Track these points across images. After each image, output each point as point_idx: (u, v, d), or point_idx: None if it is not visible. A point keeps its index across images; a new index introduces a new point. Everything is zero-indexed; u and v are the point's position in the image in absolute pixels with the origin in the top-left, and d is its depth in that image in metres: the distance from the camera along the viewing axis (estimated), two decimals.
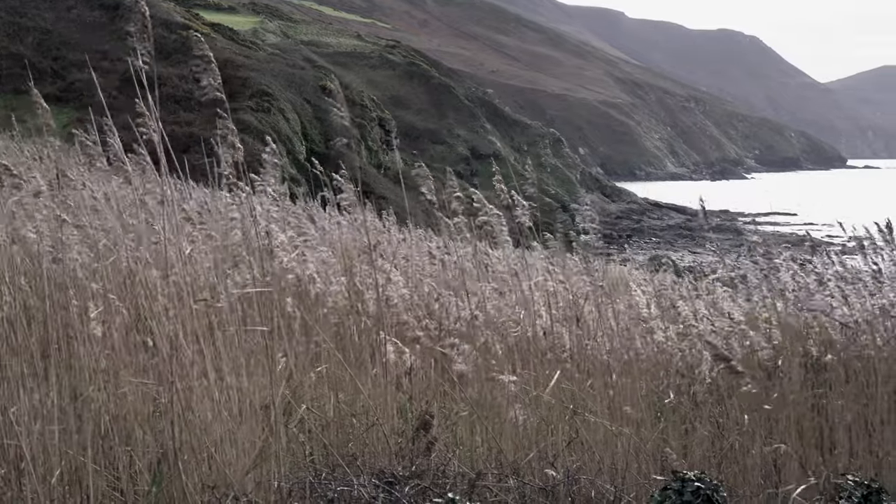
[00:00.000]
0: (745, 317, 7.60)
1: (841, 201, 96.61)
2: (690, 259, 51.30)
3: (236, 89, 50.15)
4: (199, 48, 4.82)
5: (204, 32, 58.78)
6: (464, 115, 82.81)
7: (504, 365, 6.11)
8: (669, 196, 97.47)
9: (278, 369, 4.90)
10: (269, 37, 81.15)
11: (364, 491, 4.41)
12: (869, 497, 4.72)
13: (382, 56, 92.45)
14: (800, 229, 69.86)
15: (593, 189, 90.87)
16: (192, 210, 6.49)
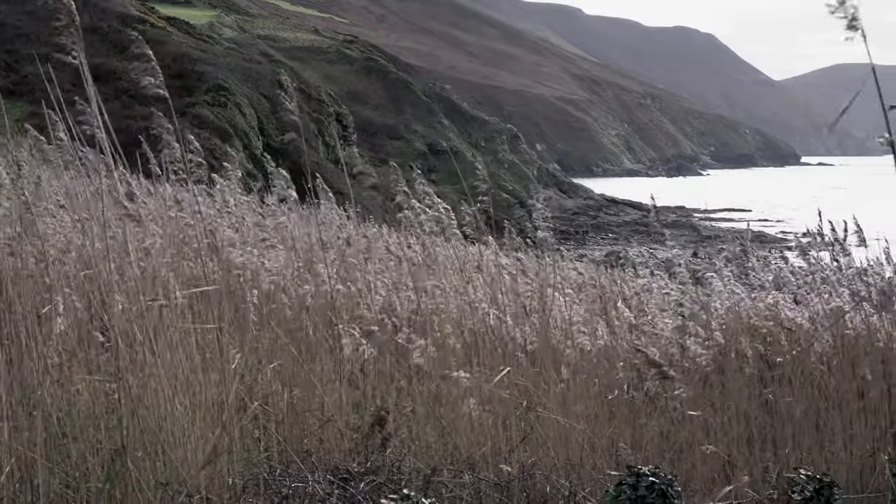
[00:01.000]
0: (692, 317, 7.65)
1: (795, 198, 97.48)
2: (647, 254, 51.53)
3: (192, 84, 49.84)
4: (138, 47, 4.77)
5: (160, 26, 58.57)
6: (421, 111, 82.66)
7: (459, 360, 6.12)
8: (626, 192, 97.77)
9: (232, 366, 4.88)
10: (226, 31, 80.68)
11: (319, 487, 4.40)
12: (821, 491, 4.76)
13: (340, 51, 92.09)
14: (755, 225, 70.45)
15: (550, 185, 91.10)
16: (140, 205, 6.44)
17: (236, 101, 50.47)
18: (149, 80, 4.77)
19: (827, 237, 8.17)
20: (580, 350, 6.64)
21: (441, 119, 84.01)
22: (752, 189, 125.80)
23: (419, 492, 4.00)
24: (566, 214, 76.20)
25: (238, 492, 4.34)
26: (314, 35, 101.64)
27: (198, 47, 58.51)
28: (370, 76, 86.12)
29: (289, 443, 4.98)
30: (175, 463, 4.30)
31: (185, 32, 62.45)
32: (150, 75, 4.79)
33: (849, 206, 9.89)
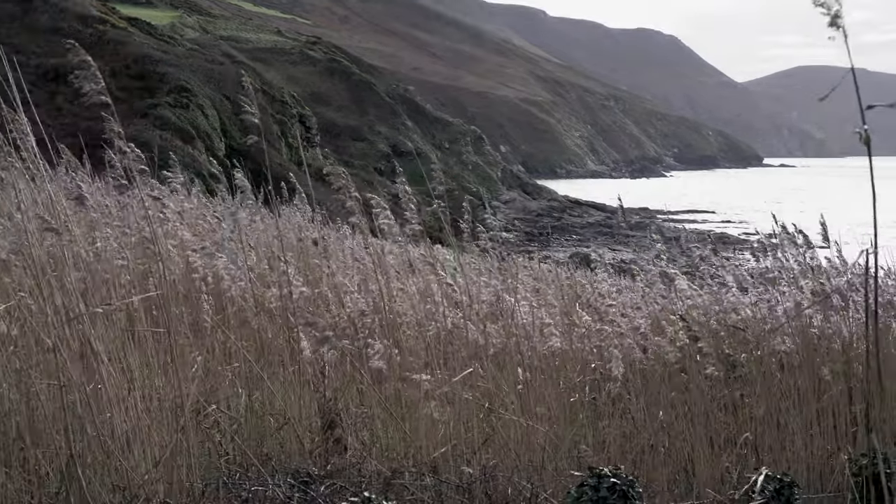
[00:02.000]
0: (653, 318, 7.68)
1: (757, 199, 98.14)
2: (610, 256, 51.73)
3: (154, 85, 49.60)
4: (76, 54, 4.71)
5: (121, 27, 58.18)
6: (385, 112, 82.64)
7: (420, 362, 6.10)
8: (590, 194, 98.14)
9: (192, 369, 4.84)
10: (188, 32, 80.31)
11: (279, 490, 4.36)
12: (781, 491, 4.77)
13: (303, 52, 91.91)
14: (717, 226, 70.91)
15: (514, 186, 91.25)
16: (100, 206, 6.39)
17: (199, 103, 50.23)
18: (90, 86, 4.69)
19: (789, 238, 8.23)
20: (542, 352, 6.63)
21: (405, 120, 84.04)
22: (715, 190, 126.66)
23: (380, 494, 3.98)
24: (530, 216, 76.31)
25: (196, 496, 4.30)
26: (277, 36, 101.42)
27: (159, 48, 58.21)
28: (333, 77, 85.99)
29: (248, 446, 4.94)
30: (132, 467, 4.25)
31: (146, 33, 62.12)
32: (91, 82, 4.70)
33: (809, 207, 9.96)
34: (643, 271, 8.68)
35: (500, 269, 7.17)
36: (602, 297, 8.20)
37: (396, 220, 6.47)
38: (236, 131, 50.66)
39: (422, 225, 6.59)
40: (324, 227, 10.63)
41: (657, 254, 8.58)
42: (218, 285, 6.59)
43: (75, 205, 5.49)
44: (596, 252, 26.68)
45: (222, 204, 9.51)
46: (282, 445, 5.15)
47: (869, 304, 3.32)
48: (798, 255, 8.12)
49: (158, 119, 44.33)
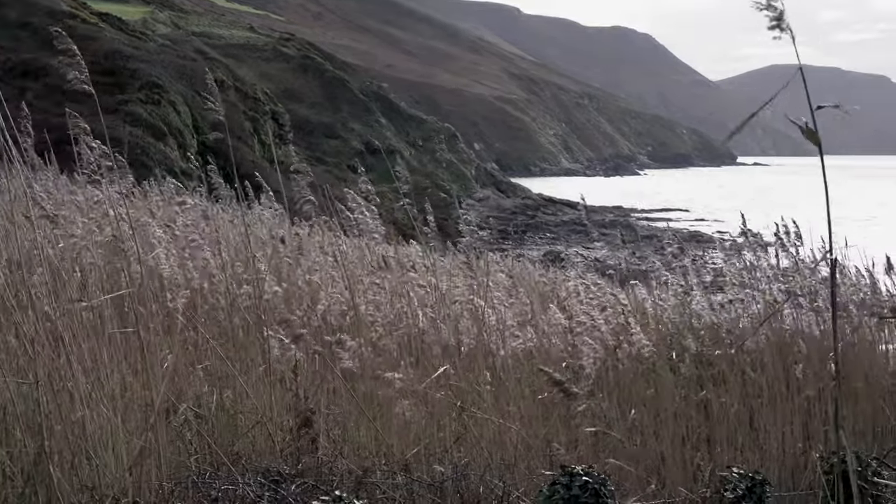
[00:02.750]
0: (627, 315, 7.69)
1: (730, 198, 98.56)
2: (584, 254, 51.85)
3: (125, 81, 49.26)
4: (62, 42, 4.70)
5: (91, 22, 57.78)
6: (358, 110, 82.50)
7: (392, 361, 6.08)
8: (564, 192, 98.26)
9: (163, 367, 4.81)
10: (160, 27, 79.94)
11: (249, 489, 4.34)
12: (753, 489, 4.79)
13: (276, 49, 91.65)
14: (691, 225, 71.15)
15: (489, 184, 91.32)
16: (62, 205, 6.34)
17: (170, 99, 49.97)
18: (74, 73, 4.68)
19: (757, 240, 8.26)
20: (515, 351, 6.63)
21: (378, 118, 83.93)
22: (689, 189, 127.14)
23: (351, 493, 3.96)
24: (504, 214, 76.31)
25: (166, 495, 4.27)
26: (250, 32, 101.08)
27: (130, 44, 57.85)
28: (307, 74, 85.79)
29: (219, 445, 4.91)
30: (100, 466, 4.22)
31: (117, 28, 61.73)
32: (75, 69, 4.70)
33: (782, 206, 10.01)
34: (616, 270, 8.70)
35: (473, 267, 7.15)
36: (575, 295, 8.21)
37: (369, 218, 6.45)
38: (209, 128, 50.47)
39: (394, 223, 6.57)
40: (295, 225, 10.60)
41: (631, 251, 8.59)
42: (189, 283, 6.55)
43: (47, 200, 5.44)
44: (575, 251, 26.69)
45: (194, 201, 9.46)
46: (253, 444, 5.12)
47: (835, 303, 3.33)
48: (769, 256, 8.15)
49: (129, 115, 44.03)
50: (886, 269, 8.63)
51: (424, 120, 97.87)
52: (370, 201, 6.43)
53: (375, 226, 6.41)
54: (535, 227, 73.00)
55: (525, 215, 79.78)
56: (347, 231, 6.98)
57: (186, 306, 6.18)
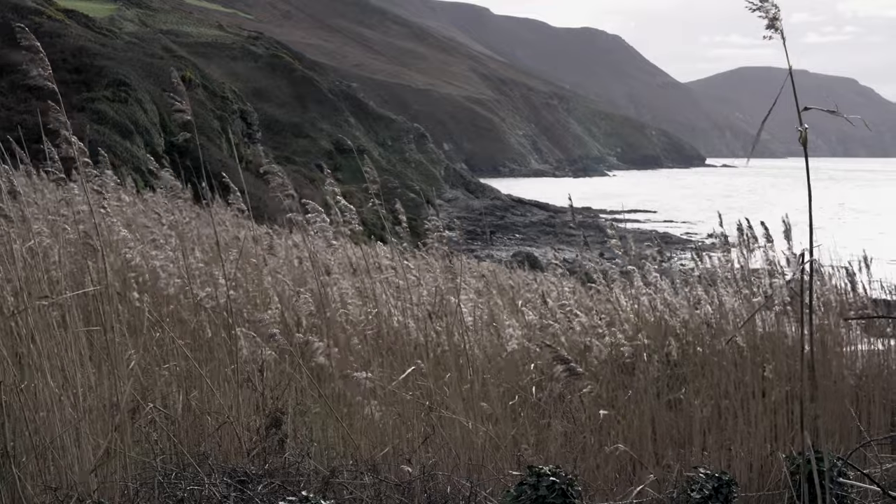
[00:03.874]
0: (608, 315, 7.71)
1: (699, 199, 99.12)
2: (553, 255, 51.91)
3: (92, 78, 48.96)
4: (26, 39, 4.64)
5: (58, 19, 57.39)
6: (327, 109, 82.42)
7: (362, 361, 6.07)
8: (533, 193, 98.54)
9: (129, 367, 4.77)
10: (127, 25, 79.48)
11: (215, 490, 4.31)
12: (720, 489, 4.80)
13: (245, 47, 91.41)
14: (660, 226, 71.46)
15: (458, 185, 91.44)
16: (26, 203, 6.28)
17: (137, 97, 49.70)
18: (38, 71, 4.63)
19: (723, 241, 8.29)
20: (486, 351, 6.64)
21: (347, 117, 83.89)
22: (658, 190, 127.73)
23: (318, 493, 3.94)
24: (473, 214, 76.43)
25: (131, 495, 4.23)
26: (218, 31, 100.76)
27: (97, 41, 57.55)
28: (275, 73, 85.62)
29: (185, 445, 4.87)
30: (65, 467, 4.18)
31: (84, 26, 61.39)
32: (39, 66, 4.65)
33: (750, 208, 10.06)
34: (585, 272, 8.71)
35: (445, 267, 7.14)
36: (545, 297, 8.21)
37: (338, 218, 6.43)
38: (176, 127, 50.14)
39: (363, 223, 6.56)
40: (263, 225, 10.56)
41: (600, 252, 8.61)
42: (155, 283, 6.51)
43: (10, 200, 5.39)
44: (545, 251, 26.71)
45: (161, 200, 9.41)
46: (219, 444, 5.09)
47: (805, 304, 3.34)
48: (738, 257, 8.18)
49: (96, 113, 43.78)
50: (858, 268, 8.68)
51: (394, 120, 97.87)
52: (337, 203, 6.41)
53: (343, 228, 6.39)
54: (504, 227, 73.17)
55: (494, 216, 79.96)
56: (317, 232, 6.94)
57: (152, 306, 6.15)
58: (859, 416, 6.79)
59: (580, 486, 4.37)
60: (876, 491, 3.70)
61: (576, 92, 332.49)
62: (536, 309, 7.67)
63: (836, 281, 8.56)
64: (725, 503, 4.78)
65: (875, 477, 4.55)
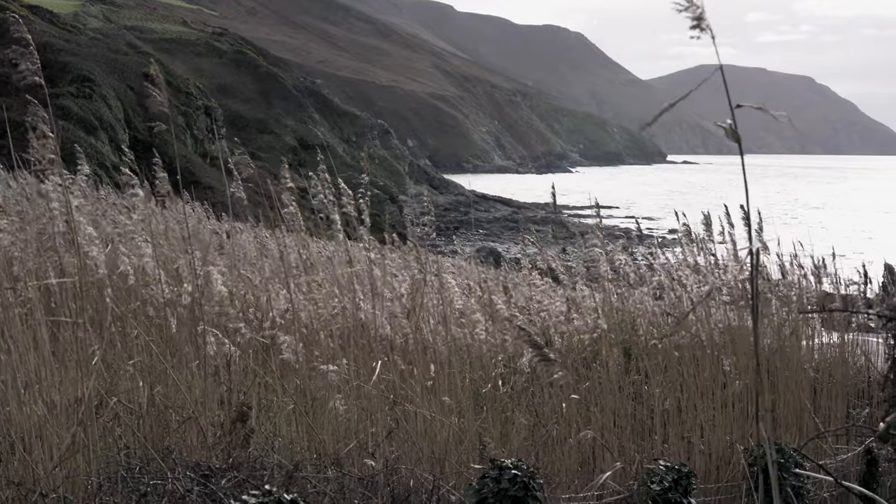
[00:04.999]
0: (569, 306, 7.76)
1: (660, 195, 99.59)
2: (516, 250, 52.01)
3: (56, 74, 48.58)
4: (17, 30, 4.62)
5: (21, 14, 56.75)
6: (292, 105, 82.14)
7: (328, 356, 6.09)
8: (496, 189, 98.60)
9: (92, 362, 4.77)
10: (92, 21, 78.93)
11: (178, 484, 4.32)
12: (679, 481, 4.86)
13: (209, 43, 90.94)
14: (622, 222, 71.69)
15: (422, 181, 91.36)
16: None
17: (102, 93, 49.38)
18: (27, 65, 4.60)
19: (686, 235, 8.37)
20: (451, 344, 6.66)
21: (312, 113, 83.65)
22: (620, 186, 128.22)
23: (281, 487, 3.97)
24: (437, 210, 75.89)
25: (94, 490, 4.24)
26: (183, 27, 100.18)
27: (62, 37, 57.12)
28: (240, 69, 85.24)
29: (150, 440, 4.88)
30: (29, 461, 4.18)
31: (48, 21, 60.91)
32: (28, 61, 4.62)
33: (708, 203, 10.16)
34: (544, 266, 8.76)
35: (416, 260, 7.17)
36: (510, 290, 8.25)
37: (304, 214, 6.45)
38: (140, 123, 49.90)
39: (326, 219, 6.57)
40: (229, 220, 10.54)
41: (563, 248, 8.67)
42: (122, 277, 6.50)
43: None
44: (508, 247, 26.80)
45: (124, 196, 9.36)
46: (184, 439, 5.10)
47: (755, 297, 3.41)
48: (696, 252, 8.26)
49: (60, 109, 43.45)
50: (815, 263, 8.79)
51: (358, 116, 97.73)
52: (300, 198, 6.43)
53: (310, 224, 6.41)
54: (468, 223, 73.17)
55: (458, 212, 79.96)
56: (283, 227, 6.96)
57: (117, 301, 6.14)
58: (816, 409, 6.88)
59: (542, 478, 4.42)
60: (830, 481, 3.77)
61: (539, 89, 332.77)
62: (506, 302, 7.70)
63: (793, 276, 8.66)
64: (685, 495, 4.85)
65: (830, 467, 4.64)
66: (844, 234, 54.86)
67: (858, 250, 27.65)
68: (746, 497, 5.19)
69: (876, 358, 8.02)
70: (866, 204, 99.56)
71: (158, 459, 4.59)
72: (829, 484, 4.97)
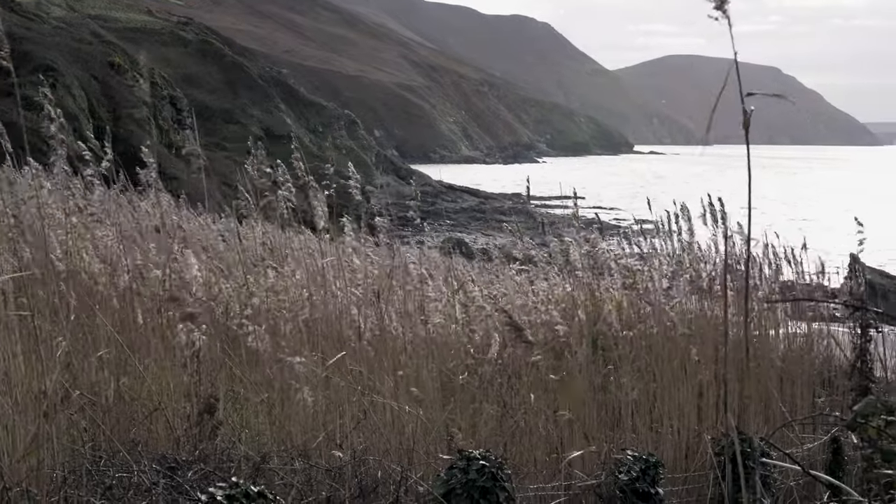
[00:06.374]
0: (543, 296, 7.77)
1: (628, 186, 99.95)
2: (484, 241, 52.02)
3: (18, 63, 47.85)
4: None
5: None
6: (258, 95, 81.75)
7: (295, 347, 6.06)
8: (463, 179, 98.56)
9: (56, 354, 4.73)
10: (54, 10, 78.07)
11: (144, 477, 4.29)
12: (647, 471, 4.88)
13: (174, 33, 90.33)
14: (589, 212, 71.82)
15: (389, 171, 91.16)
16: None
17: (66, 83, 48.94)
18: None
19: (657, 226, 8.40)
20: (419, 335, 6.66)
21: (278, 103, 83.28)
22: (587, 176, 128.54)
23: (248, 479, 3.94)
24: (404, 201, 76.05)
25: (59, 483, 4.20)
26: (147, 16, 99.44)
27: (23, 25, 56.51)
28: (205, 59, 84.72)
29: (116, 433, 4.85)
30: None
31: (9, 9, 60.18)
32: None
33: (676, 194, 10.20)
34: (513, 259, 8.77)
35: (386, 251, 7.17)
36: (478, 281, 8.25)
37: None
38: (105, 113, 49.53)
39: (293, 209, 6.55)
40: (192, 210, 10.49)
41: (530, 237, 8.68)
42: (87, 268, 6.45)
43: None
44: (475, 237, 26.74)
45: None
46: (150, 431, 5.07)
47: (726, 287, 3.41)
48: (664, 241, 8.29)
49: (23, 99, 42.98)
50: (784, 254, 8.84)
51: (324, 106, 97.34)
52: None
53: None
54: (435, 213, 73.10)
55: (425, 202, 79.84)
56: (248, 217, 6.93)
57: (82, 293, 6.09)
58: (783, 398, 6.92)
59: (510, 468, 4.42)
60: (797, 470, 3.79)
61: (506, 79, 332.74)
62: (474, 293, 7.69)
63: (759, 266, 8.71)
64: (652, 484, 4.87)
65: (797, 456, 4.66)
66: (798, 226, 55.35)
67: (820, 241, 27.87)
68: (714, 486, 5.21)
69: (841, 347, 8.08)
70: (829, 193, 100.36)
71: (124, 452, 4.56)
72: (796, 472, 4.99)
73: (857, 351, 6.26)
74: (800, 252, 8.96)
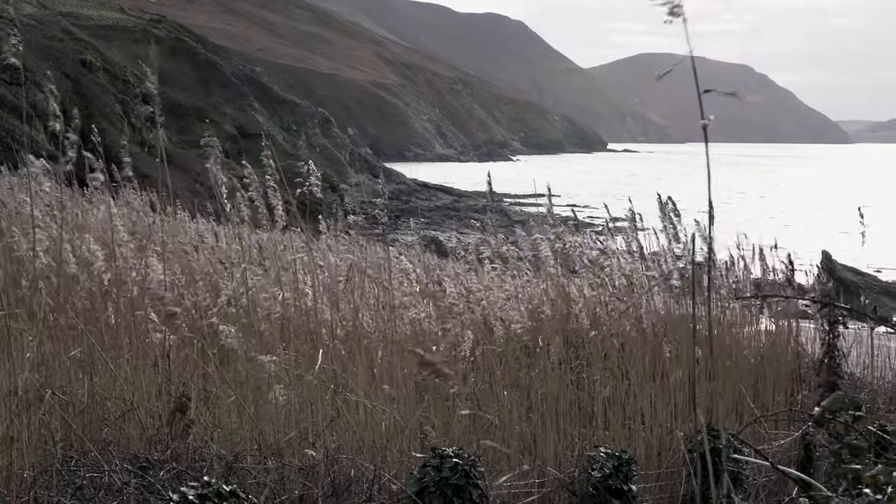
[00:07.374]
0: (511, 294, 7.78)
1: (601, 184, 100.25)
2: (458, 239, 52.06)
3: None
4: None
5: None
6: (231, 93, 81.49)
7: (268, 345, 6.05)
8: (438, 177, 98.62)
9: (27, 355, 4.71)
10: (25, 7, 77.55)
11: (115, 477, 4.28)
12: (620, 468, 4.89)
13: (147, 30, 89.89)
14: (563, 210, 71.97)
15: (363, 170, 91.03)
16: None
17: (36, 80, 48.65)
18: None
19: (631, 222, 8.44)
20: (397, 332, 6.66)
21: (252, 102, 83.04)
22: (561, 174, 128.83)
23: (221, 478, 3.94)
24: (378, 199, 75.98)
25: (29, 484, 4.18)
26: (119, 13, 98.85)
27: None
28: (178, 57, 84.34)
29: (87, 432, 4.83)
30: None
31: None
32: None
33: (648, 192, 10.25)
34: None
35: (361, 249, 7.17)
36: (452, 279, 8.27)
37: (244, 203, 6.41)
38: (77, 110, 49.21)
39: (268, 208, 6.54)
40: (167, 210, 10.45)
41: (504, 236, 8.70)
42: (59, 266, 6.42)
43: None
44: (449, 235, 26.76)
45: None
46: (122, 430, 5.05)
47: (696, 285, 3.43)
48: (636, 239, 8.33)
49: None
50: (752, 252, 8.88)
51: (298, 104, 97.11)
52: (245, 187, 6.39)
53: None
54: (409, 211, 73.09)
55: (399, 200, 79.84)
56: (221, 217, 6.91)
57: (53, 293, 6.06)
58: (756, 395, 6.96)
59: (483, 466, 4.43)
60: (768, 466, 3.81)
61: (480, 77, 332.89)
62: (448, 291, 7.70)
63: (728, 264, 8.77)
64: (625, 481, 4.88)
65: (767, 452, 4.68)
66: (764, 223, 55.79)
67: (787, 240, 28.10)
68: (686, 483, 5.23)
69: (812, 343, 8.13)
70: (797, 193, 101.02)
71: (95, 452, 4.54)
72: (768, 469, 5.02)
73: (825, 347, 6.29)
74: (770, 250, 9.02)
